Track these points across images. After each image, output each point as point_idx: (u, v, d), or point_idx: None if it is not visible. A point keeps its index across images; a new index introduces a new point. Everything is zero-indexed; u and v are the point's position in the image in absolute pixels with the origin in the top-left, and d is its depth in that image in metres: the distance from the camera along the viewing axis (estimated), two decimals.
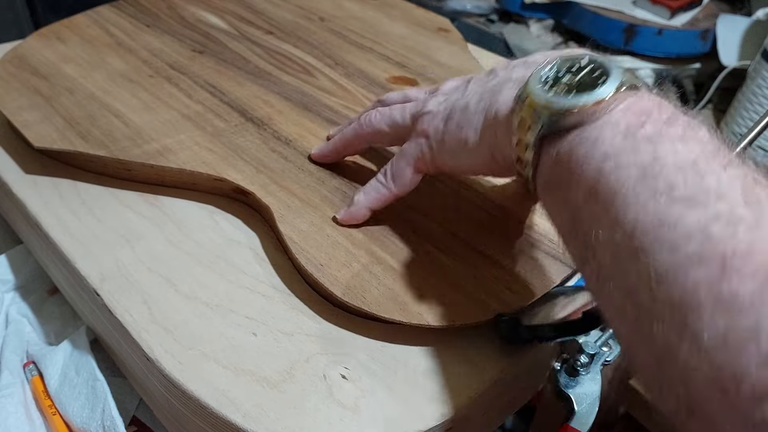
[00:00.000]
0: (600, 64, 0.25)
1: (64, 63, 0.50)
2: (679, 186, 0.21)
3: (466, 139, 0.30)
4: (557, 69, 0.26)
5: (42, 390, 0.36)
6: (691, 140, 0.22)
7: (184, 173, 0.39)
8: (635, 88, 0.24)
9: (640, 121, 0.23)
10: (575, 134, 0.24)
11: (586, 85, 0.25)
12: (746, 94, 0.85)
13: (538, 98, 0.25)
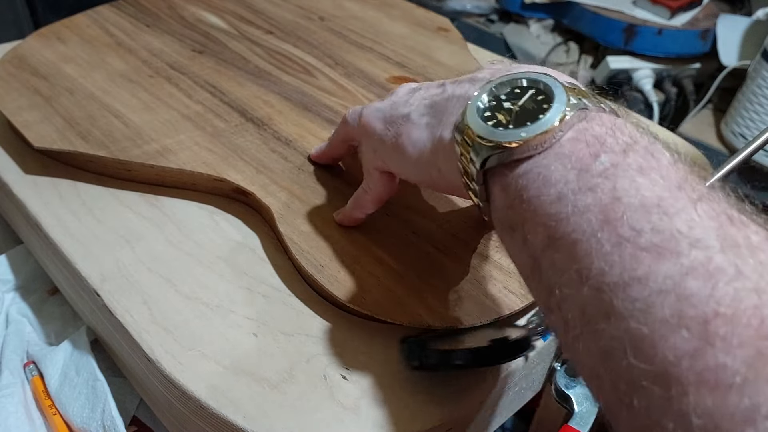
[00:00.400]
0: (542, 84, 0.23)
1: (64, 63, 0.50)
2: (646, 231, 0.18)
3: (404, 149, 0.29)
4: (497, 93, 0.24)
5: (42, 390, 0.36)
6: (653, 171, 0.20)
7: (184, 173, 0.39)
8: (584, 109, 0.22)
9: (593, 152, 0.21)
10: (523, 168, 0.22)
11: (528, 112, 0.22)
12: (746, 94, 0.85)
13: (477, 130, 0.23)
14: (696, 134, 0.92)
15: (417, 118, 0.29)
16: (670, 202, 0.19)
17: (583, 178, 0.20)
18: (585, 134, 0.21)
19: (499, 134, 0.22)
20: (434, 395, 0.29)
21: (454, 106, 0.27)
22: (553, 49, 1.05)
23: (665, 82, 1.00)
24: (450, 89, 0.28)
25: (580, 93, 0.23)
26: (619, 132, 0.21)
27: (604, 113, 0.23)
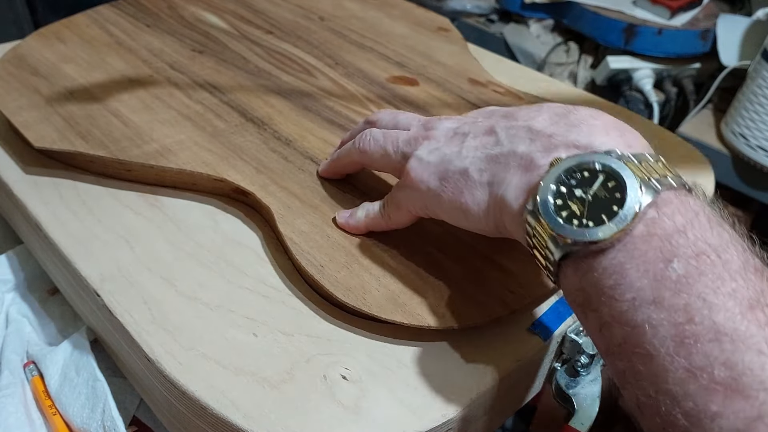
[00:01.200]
0: (614, 172, 0.23)
1: (64, 63, 0.50)
2: (719, 364, 0.19)
3: (466, 208, 0.28)
4: (565, 180, 0.24)
5: (42, 390, 0.36)
6: (725, 284, 0.20)
7: (184, 173, 0.39)
8: (656, 194, 0.22)
9: (666, 256, 0.21)
10: (598, 262, 0.22)
11: (602, 202, 0.22)
12: (746, 94, 0.85)
13: (554, 227, 0.23)
14: (696, 134, 0.92)
15: (477, 176, 0.28)
16: (742, 330, 0.19)
17: (656, 288, 0.21)
18: (657, 229, 0.22)
19: (577, 233, 0.22)
20: (434, 395, 0.29)
21: (514, 167, 0.26)
22: (553, 49, 1.05)
23: (665, 82, 1.00)
24: (506, 143, 0.27)
25: (648, 170, 0.23)
26: (690, 228, 0.21)
27: (674, 196, 0.22)
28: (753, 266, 0.21)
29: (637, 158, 0.23)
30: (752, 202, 0.94)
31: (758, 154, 0.85)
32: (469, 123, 0.30)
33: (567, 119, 0.26)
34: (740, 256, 0.21)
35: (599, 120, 0.26)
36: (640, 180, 0.22)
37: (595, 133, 0.25)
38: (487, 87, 0.51)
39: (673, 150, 0.48)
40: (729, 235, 0.22)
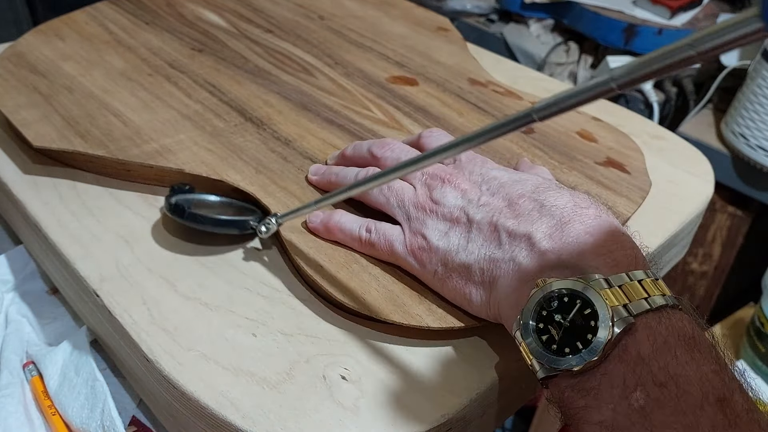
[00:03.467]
0: (589, 301, 0.24)
1: (63, 61, 0.50)
2: None
3: (469, 299, 0.30)
4: (548, 300, 0.25)
5: (42, 390, 0.36)
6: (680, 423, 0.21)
7: (184, 174, 0.39)
8: (629, 321, 0.24)
9: (629, 384, 0.23)
10: (573, 382, 0.24)
11: (577, 329, 0.24)
12: (746, 94, 0.85)
13: (534, 353, 0.25)
14: (696, 134, 0.92)
15: (479, 274, 0.30)
16: None
17: (619, 417, 0.22)
18: (626, 356, 0.23)
19: (553, 361, 0.25)
20: (433, 395, 0.29)
21: (512, 276, 0.28)
22: (553, 49, 1.05)
23: (665, 82, 1.00)
24: (508, 249, 0.29)
25: (627, 295, 0.24)
26: (656, 357, 0.23)
27: (648, 321, 0.24)
28: (716, 397, 0.22)
29: (618, 281, 0.25)
30: (752, 202, 0.94)
31: (758, 154, 0.85)
32: (475, 203, 0.31)
33: (563, 232, 0.28)
34: (702, 386, 0.22)
35: (593, 236, 0.27)
36: (612, 309, 0.24)
37: (585, 252, 0.27)
38: (486, 87, 0.51)
39: (673, 150, 0.48)
40: (696, 362, 0.23)
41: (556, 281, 0.26)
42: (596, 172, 0.41)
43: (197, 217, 0.35)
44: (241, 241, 0.37)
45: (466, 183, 0.33)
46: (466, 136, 0.26)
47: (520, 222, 0.29)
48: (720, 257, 0.98)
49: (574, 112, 0.48)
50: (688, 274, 1.01)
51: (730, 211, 0.95)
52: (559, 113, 0.23)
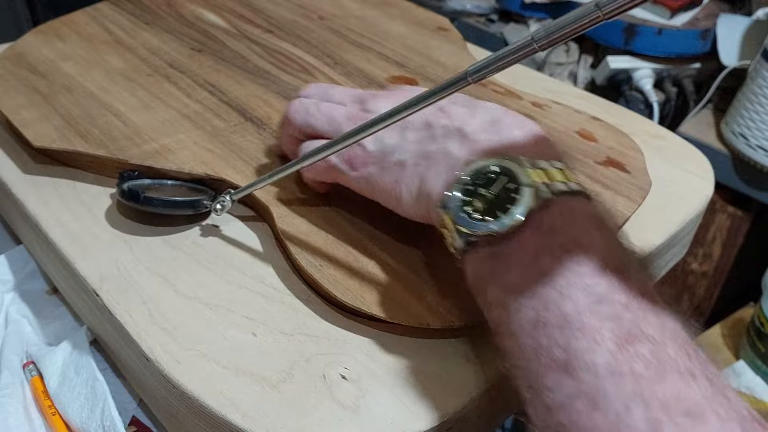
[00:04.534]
0: (513, 176, 0.26)
1: (63, 61, 0.50)
2: (558, 347, 0.22)
3: (400, 196, 0.31)
4: (473, 180, 0.27)
5: (41, 390, 0.36)
6: (578, 284, 0.23)
7: (183, 173, 0.39)
8: (546, 198, 0.25)
9: (538, 250, 0.24)
10: (491, 250, 0.26)
11: (500, 200, 0.26)
12: (746, 94, 0.85)
13: (455, 218, 0.26)
14: (696, 134, 0.92)
15: (412, 169, 0.31)
16: (584, 321, 0.22)
17: (527, 278, 0.24)
18: (539, 227, 0.25)
19: (474, 225, 0.26)
20: (433, 394, 0.29)
21: (443, 165, 0.29)
22: (553, 49, 1.05)
23: (665, 82, 1.00)
24: (441, 141, 0.30)
25: (548, 176, 0.26)
26: (566, 228, 0.25)
27: (563, 200, 0.25)
28: (614, 265, 0.24)
29: (540, 166, 0.26)
30: (752, 202, 0.94)
31: (758, 154, 0.85)
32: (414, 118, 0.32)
33: (495, 127, 0.30)
34: (603, 255, 0.24)
35: (521, 130, 0.29)
36: (534, 185, 0.25)
37: (514, 141, 0.29)
38: (486, 87, 0.51)
39: (673, 150, 0.48)
40: (601, 237, 0.25)
41: (484, 159, 0.27)
42: (596, 172, 0.41)
43: (152, 200, 0.36)
44: (198, 220, 0.38)
45: (398, 95, 0.34)
46: (409, 101, 0.27)
47: (452, 120, 0.31)
48: (720, 257, 0.98)
49: (574, 111, 0.48)
50: (688, 274, 1.01)
51: (730, 211, 0.95)
52: (491, 74, 0.25)
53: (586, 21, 0.22)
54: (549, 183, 0.26)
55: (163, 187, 0.38)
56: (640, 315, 0.23)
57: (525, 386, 0.24)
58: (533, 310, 0.23)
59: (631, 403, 0.21)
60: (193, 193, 0.38)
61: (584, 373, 0.22)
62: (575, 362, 0.22)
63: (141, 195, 0.36)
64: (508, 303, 0.24)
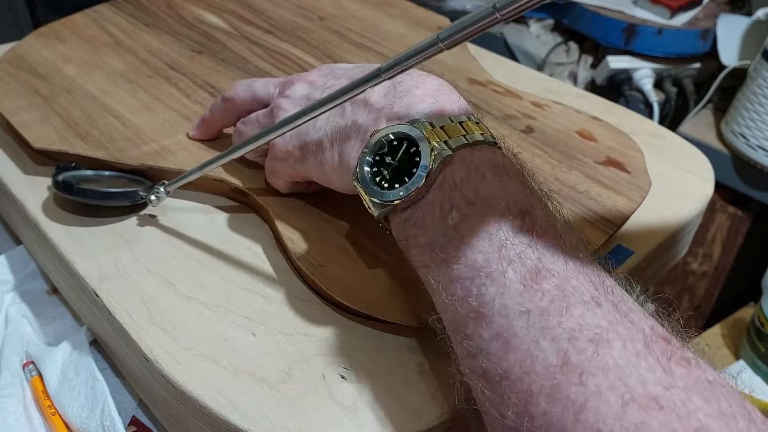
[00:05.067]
0: (411, 138, 0.27)
1: (63, 63, 0.50)
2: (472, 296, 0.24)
3: (327, 174, 0.33)
4: (379, 148, 0.28)
5: (41, 390, 0.36)
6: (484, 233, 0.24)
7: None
8: (448, 155, 0.26)
9: (446, 207, 0.25)
10: (405, 215, 0.27)
11: (405, 165, 0.27)
12: (746, 94, 0.85)
13: (368, 192, 0.28)
14: (696, 134, 0.92)
15: (329, 147, 0.32)
16: (493, 267, 0.23)
17: (439, 236, 0.25)
18: (443, 185, 0.26)
19: (383, 195, 0.27)
20: (432, 395, 0.29)
21: (354, 137, 0.31)
22: (553, 49, 1.05)
23: (665, 82, 1.00)
24: (349, 115, 0.31)
25: (448, 132, 0.27)
26: (467, 181, 0.26)
27: (464, 154, 0.27)
28: (518, 208, 0.25)
29: (440, 123, 0.28)
30: (752, 202, 0.93)
31: (758, 154, 0.85)
32: (320, 88, 0.34)
33: (395, 91, 0.30)
34: (506, 201, 0.25)
35: (421, 89, 0.30)
36: (433, 145, 0.26)
37: (414, 102, 0.29)
38: (486, 87, 0.51)
39: (673, 150, 0.48)
40: (503, 183, 0.26)
41: (385, 128, 0.28)
42: (596, 172, 0.41)
43: (86, 192, 0.37)
44: (132, 212, 0.38)
45: (315, 76, 0.35)
46: (322, 99, 0.29)
47: None
48: (720, 257, 0.98)
49: (574, 111, 0.48)
50: (688, 274, 1.01)
51: (730, 211, 0.95)
52: (403, 71, 0.26)
53: (485, 22, 0.23)
54: (448, 140, 0.27)
55: (101, 179, 0.39)
56: (544, 252, 0.23)
57: (452, 338, 0.25)
58: (447, 266, 0.25)
59: (540, 338, 0.21)
60: (131, 184, 0.39)
61: (497, 317, 0.23)
62: (488, 308, 0.23)
63: (75, 186, 0.37)
64: (427, 263, 0.26)
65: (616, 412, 0.19)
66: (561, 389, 0.20)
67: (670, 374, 0.20)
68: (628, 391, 0.19)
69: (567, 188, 0.39)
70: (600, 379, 0.20)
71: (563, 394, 0.20)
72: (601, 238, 0.36)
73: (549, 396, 0.20)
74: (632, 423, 0.19)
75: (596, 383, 0.20)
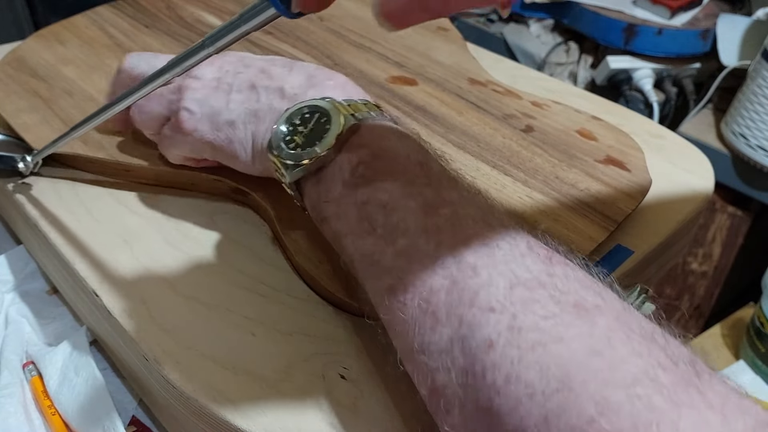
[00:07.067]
0: (325, 111, 0.30)
1: (63, 65, 0.50)
2: (379, 226, 0.27)
3: (236, 155, 0.34)
4: (293, 120, 0.30)
5: (41, 390, 0.36)
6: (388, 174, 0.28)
7: (183, 174, 0.39)
8: (356, 123, 0.29)
9: (353, 163, 0.28)
10: (318, 177, 0.29)
11: (316, 132, 0.29)
12: (746, 94, 0.85)
13: (279, 153, 0.30)
14: (696, 134, 0.92)
15: (243, 127, 0.34)
16: (395, 200, 0.27)
17: (349, 187, 0.28)
18: (351, 147, 0.29)
19: (295, 156, 0.29)
20: None
21: (269, 120, 0.33)
22: (553, 49, 1.05)
23: (665, 82, 1.00)
24: (264, 100, 0.34)
25: (354, 109, 0.30)
26: (372, 141, 0.29)
27: (369, 124, 0.30)
28: (417, 161, 0.28)
29: (348, 102, 0.31)
30: (752, 202, 0.93)
31: (758, 154, 0.85)
32: (231, 73, 0.35)
33: (311, 81, 0.34)
34: (407, 154, 0.28)
35: (332, 81, 0.34)
36: (343, 115, 0.29)
37: (326, 91, 0.33)
38: (486, 86, 0.51)
39: (673, 149, 0.48)
40: (404, 142, 0.29)
41: (298, 103, 0.31)
42: (596, 170, 0.41)
43: None
44: (9, 177, 0.40)
45: (223, 62, 0.37)
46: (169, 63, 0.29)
47: (273, 80, 0.34)
48: (720, 257, 0.98)
49: (574, 111, 0.48)
50: (688, 274, 1.01)
51: (730, 211, 0.95)
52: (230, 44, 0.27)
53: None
54: (355, 113, 0.30)
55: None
56: (440, 188, 0.27)
57: (361, 272, 0.27)
58: (357, 207, 0.27)
59: (437, 249, 0.25)
60: (17, 149, 0.40)
61: (401, 238, 0.26)
62: (394, 233, 0.26)
63: None
64: (339, 213, 0.28)
65: (505, 293, 0.23)
66: (458, 281, 0.24)
67: (551, 267, 0.24)
68: (515, 276, 0.23)
69: (567, 186, 0.39)
70: (491, 270, 0.24)
71: (460, 286, 0.24)
72: (601, 235, 0.36)
73: (448, 289, 0.24)
74: (519, 299, 0.22)
75: (488, 273, 0.23)
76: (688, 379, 0.20)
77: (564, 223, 0.36)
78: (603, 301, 0.23)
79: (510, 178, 0.39)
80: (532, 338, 0.21)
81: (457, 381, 0.23)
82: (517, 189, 0.39)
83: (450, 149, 0.42)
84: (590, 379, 0.20)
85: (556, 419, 0.20)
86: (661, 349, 0.21)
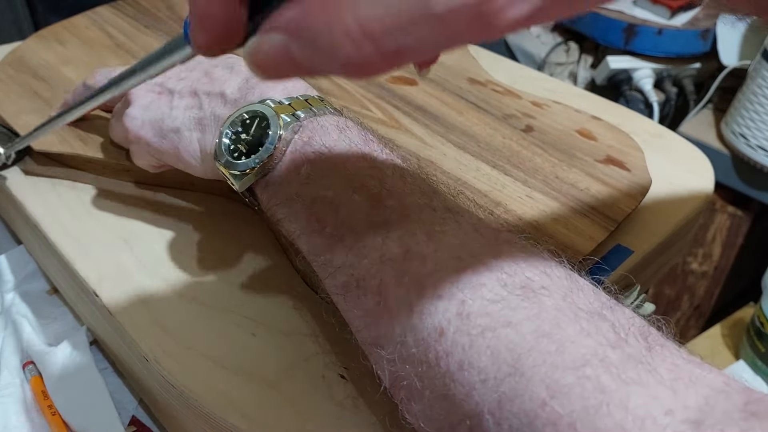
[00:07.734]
0: (263, 115, 0.30)
1: (64, 65, 0.50)
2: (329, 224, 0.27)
3: (186, 160, 0.34)
4: (235, 128, 0.30)
5: (41, 390, 0.36)
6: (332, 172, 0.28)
7: (183, 174, 0.39)
8: (297, 122, 0.29)
9: (298, 163, 0.28)
10: (265, 181, 0.29)
11: (258, 138, 0.29)
12: (746, 94, 0.85)
13: (227, 166, 0.30)
14: (696, 134, 0.92)
15: (188, 134, 0.33)
16: (342, 196, 0.27)
17: (297, 187, 0.28)
18: (295, 146, 0.29)
19: (240, 165, 0.29)
20: None
21: (214, 126, 0.32)
22: (553, 49, 1.05)
23: (665, 82, 1.00)
24: (207, 107, 0.33)
25: (295, 106, 0.30)
26: (314, 139, 0.29)
27: (312, 120, 0.30)
28: (360, 151, 0.28)
29: (289, 100, 0.31)
30: (752, 202, 0.93)
31: (758, 154, 0.85)
32: (174, 79, 0.35)
33: (248, 83, 0.33)
34: (348, 146, 0.29)
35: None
36: (282, 116, 0.29)
37: (266, 91, 0.32)
38: (486, 86, 0.51)
39: (673, 149, 0.48)
40: (345, 135, 0.29)
41: (237, 110, 0.30)
42: (596, 170, 0.41)
43: None
44: None
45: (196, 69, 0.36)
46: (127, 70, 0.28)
47: (215, 85, 0.34)
48: (720, 257, 0.98)
49: (574, 111, 0.48)
50: (688, 274, 1.01)
51: (730, 211, 0.95)
52: None
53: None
54: (295, 112, 0.30)
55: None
56: (384, 178, 0.27)
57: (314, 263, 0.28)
58: (305, 207, 0.28)
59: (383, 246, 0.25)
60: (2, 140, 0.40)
61: (349, 234, 0.26)
62: (342, 230, 0.26)
63: None
64: (290, 214, 0.28)
65: (452, 279, 0.23)
66: (407, 272, 0.24)
67: (497, 247, 0.24)
68: (461, 261, 0.24)
69: (567, 186, 0.39)
70: (437, 256, 0.24)
71: (409, 276, 0.24)
72: (601, 235, 0.36)
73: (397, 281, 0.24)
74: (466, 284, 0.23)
75: (434, 261, 0.24)
76: (637, 356, 0.20)
77: (564, 223, 0.36)
78: (550, 280, 0.23)
79: (510, 178, 0.40)
80: (481, 323, 0.22)
81: (413, 371, 0.23)
82: (517, 189, 0.39)
83: (450, 149, 0.42)
84: (540, 362, 0.20)
85: (510, 403, 0.20)
86: (610, 325, 0.21)
